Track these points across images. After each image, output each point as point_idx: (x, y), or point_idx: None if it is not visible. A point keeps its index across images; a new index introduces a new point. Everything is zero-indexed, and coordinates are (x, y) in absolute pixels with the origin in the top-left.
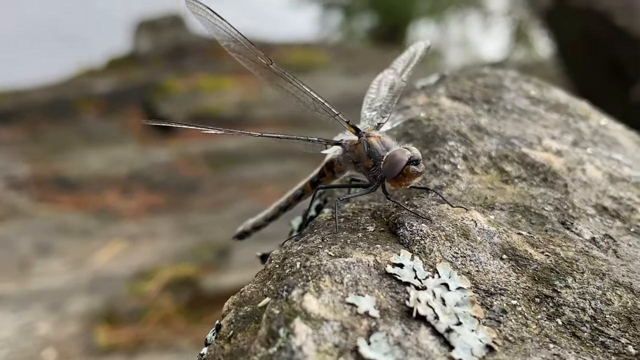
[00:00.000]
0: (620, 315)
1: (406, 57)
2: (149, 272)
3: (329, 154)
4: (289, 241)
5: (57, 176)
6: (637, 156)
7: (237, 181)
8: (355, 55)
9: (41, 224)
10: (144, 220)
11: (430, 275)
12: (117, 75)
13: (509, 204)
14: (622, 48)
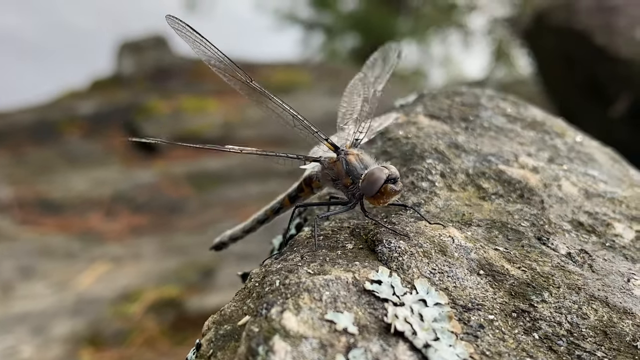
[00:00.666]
0: (596, 329)
1: (375, 59)
2: (133, 294)
3: (307, 169)
4: (269, 259)
5: (40, 198)
6: (613, 172)
7: (220, 201)
8: (337, 74)
9: (24, 246)
10: (128, 241)
11: (409, 292)
12: (100, 97)
13: (486, 220)
14: (601, 67)
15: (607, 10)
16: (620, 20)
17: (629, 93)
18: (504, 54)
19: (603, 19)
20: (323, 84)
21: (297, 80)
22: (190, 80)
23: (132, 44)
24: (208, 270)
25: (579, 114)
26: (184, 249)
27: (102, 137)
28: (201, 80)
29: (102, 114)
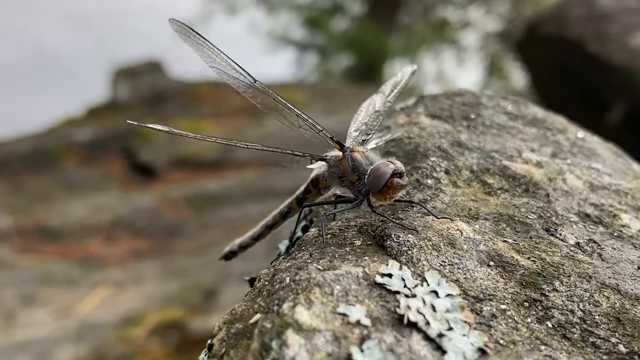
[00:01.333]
0: (609, 315)
1: (394, 81)
2: (136, 318)
3: (314, 170)
4: (276, 260)
5: (39, 226)
6: (616, 165)
7: (220, 223)
8: (332, 94)
9: (25, 274)
10: (129, 266)
11: (419, 284)
12: (97, 123)
13: (493, 214)
14: (594, 75)
15: (598, 18)
16: (612, 27)
17: (624, 100)
18: (498, 69)
19: (594, 27)
20: (318, 103)
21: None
22: (186, 104)
23: (127, 69)
24: (210, 292)
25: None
26: (185, 271)
27: (100, 163)
28: (197, 103)
29: (99, 141)
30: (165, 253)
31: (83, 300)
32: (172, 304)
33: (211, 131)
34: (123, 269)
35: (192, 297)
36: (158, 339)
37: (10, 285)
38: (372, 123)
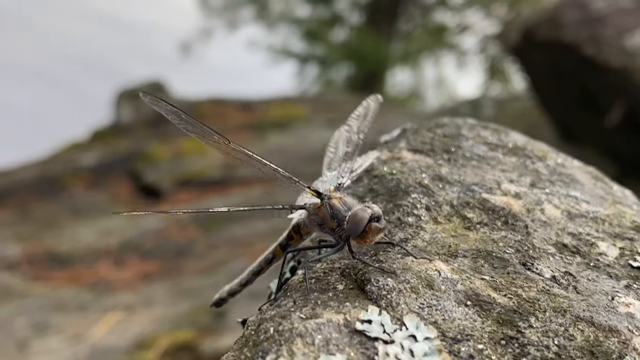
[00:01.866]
0: (584, 349)
1: (360, 113)
2: (148, 341)
3: (294, 217)
4: (265, 305)
5: (48, 253)
6: (595, 191)
7: (227, 241)
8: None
9: (36, 302)
10: (138, 289)
11: (399, 328)
12: (101, 147)
13: (471, 250)
14: (591, 78)
15: (593, 21)
16: (607, 30)
17: (622, 101)
18: (498, 71)
19: (589, 30)
20: (320, 115)
21: (294, 114)
22: None
23: (130, 91)
24: (220, 312)
25: (576, 126)
26: (194, 292)
27: (106, 187)
28: None
29: (105, 164)
30: (174, 274)
31: (95, 326)
32: (183, 325)
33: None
34: (133, 292)
35: (202, 318)
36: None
37: (22, 314)
38: (346, 163)
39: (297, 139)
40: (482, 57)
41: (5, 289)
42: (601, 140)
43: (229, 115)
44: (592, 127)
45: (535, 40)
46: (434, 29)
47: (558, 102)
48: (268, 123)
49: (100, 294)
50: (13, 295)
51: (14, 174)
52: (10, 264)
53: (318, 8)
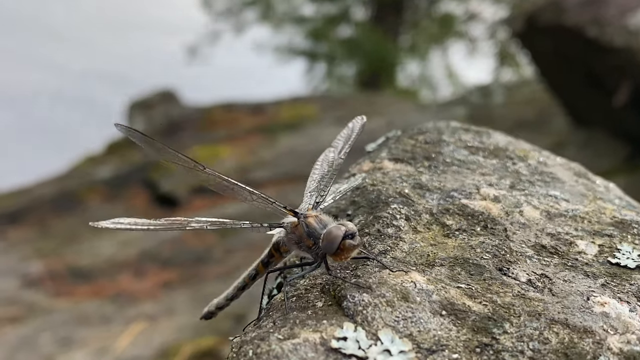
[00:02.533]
0: (558, 352)
1: (345, 134)
2: (171, 349)
3: (274, 235)
4: (249, 326)
5: (70, 268)
6: (576, 188)
7: (244, 245)
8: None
9: (60, 317)
10: (159, 298)
11: (374, 343)
12: (116, 159)
13: (449, 258)
14: (596, 59)
15: (595, 2)
16: (609, 10)
17: (629, 81)
18: (508, 56)
19: (591, 12)
20: (330, 114)
21: (305, 113)
22: (201, 130)
23: (141, 102)
24: (239, 316)
25: (586, 109)
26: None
27: (123, 199)
28: (211, 129)
29: (120, 176)
30: (194, 281)
31: (118, 337)
32: (205, 332)
33: (227, 155)
34: (154, 301)
35: (223, 324)
36: None
37: (47, 330)
38: (325, 182)
39: (307, 138)
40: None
41: (29, 306)
42: (611, 122)
43: (240, 119)
44: (602, 109)
45: (539, 25)
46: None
47: (566, 86)
48: (279, 125)
49: (123, 306)
50: (37, 312)
51: (32, 191)
52: (33, 280)
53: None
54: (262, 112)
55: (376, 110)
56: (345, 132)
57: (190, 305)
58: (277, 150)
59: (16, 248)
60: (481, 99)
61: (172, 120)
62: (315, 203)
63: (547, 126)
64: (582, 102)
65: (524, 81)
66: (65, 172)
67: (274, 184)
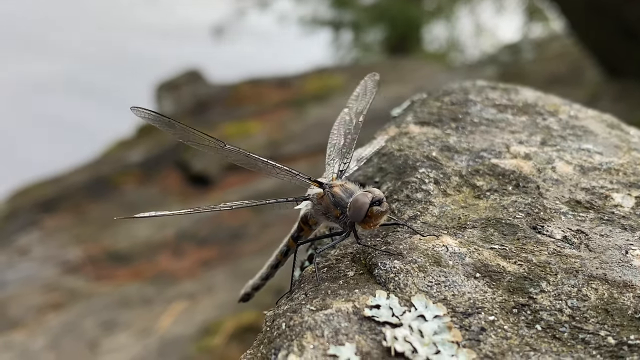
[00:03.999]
0: (598, 308)
1: (359, 92)
2: (213, 326)
3: (302, 209)
4: (281, 299)
5: (108, 252)
6: (610, 140)
7: (278, 220)
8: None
9: (101, 301)
10: (199, 276)
11: (407, 310)
12: (147, 142)
13: (481, 219)
14: (628, 8)
15: None
16: None
17: None
18: (537, 10)
19: None
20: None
21: (331, 84)
22: (229, 106)
23: (168, 83)
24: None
25: (619, 60)
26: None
27: (156, 181)
28: (240, 105)
29: (152, 158)
30: (232, 258)
31: (160, 318)
32: (246, 307)
33: (257, 130)
34: (194, 280)
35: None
36: (237, 344)
37: (90, 315)
38: (347, 148)
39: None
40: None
41: (70, 292)
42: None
43: (267, 94)
44: (636, 59)
45: None
46: None
47: (598, 38)
48: (306, 97)
49: (163, 286)
50: (79, 297)
51: (66, 179)
52: (73, 267)
53: None
54: (288, 86)
55: (404, 75)
56: (358, 90)
57: (230, 282)
58: (306, 122)
59: (54, 236)
60: (511, 56)
61: (199, 99)
62: (339, 171)
63: (580, 80)
64: (615, 54)
65: (554, 36)
66: (98, 158)
67: (305, 156)
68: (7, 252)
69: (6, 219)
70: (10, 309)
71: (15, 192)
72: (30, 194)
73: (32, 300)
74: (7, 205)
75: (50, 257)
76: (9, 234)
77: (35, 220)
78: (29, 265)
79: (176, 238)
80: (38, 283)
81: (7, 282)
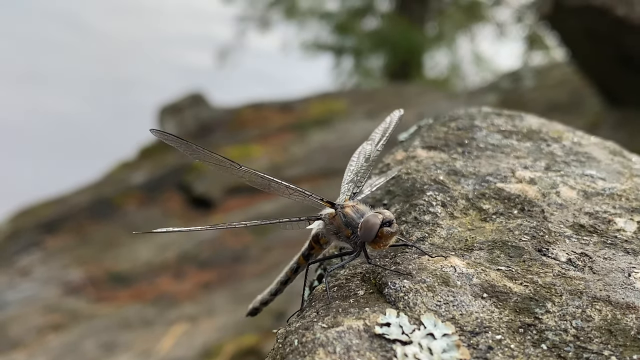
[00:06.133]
0: (601, 328)
1: (383, 127)
2: (214, 349)
3: (313, 228)
4: (292, 317)
5: (110, 273)
6: (612, 166)
7: (280, 242)
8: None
9: (102, 323)
10: (199, 299)
11: (417, 328)
12: (150, 164)
13: (487, 242)
14: (627, 37)
15: None
16: None
17: None
18: (537, 39)
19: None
20: (359, 108)
21: (334, 109)
22: (232, 130)
23: (171, 106)
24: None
25: (619, 89)
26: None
27: (159, 202)
28: (242, 128)
29: (154, 180)
30: (233, 281)
31: (161, 340)
32: (246, 330)
33: (259, 153)
34: (195, 302)
35: (264, 322)
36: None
37: (91, 336)
38: (362, 174)
39: (338, 134)
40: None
41: (72, 313)
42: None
43: (270, 118)
44: (635, 87)
45: (567, 6)
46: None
47: (598, 67)
48: (309, 121)
49: (164, 308)
50: (80, 318)
51: (69, 199)
52: (74, 288)
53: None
54: (291, 110)
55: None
56: (382, 126)
57: (230, 305)
58: (308, 146)
59: (56, 257)
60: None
61: (202, 123)
62: (352, 194)
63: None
64: (614, 82)
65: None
66: (100, 179)
67: (308, 180)
68: (9, 272)
69: (8, 239)
70: (11, 330)
71: (18, 212)
72: (32, 214)
73: (33, 320)
74: (9, 225)
75: (52, 277)
76: (10, 255)
77: (37, 241)
78: (30, 285)
79: (177, 260)
80: (39, 304)
81: (8, 302)
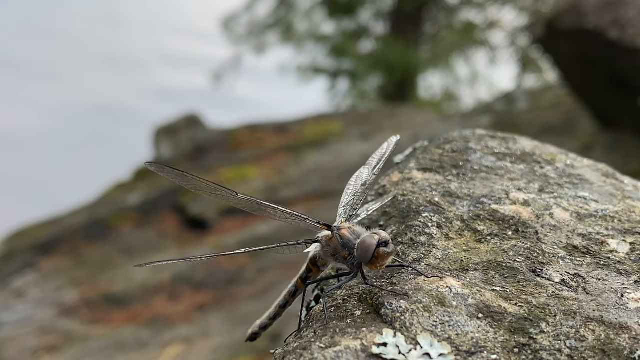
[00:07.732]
0: (595, 348)
1: (380, 153)
2: None
3: (311, 251)
4: (290, 337)
5: (104, 295)
6: (605, 188)
7: (276, 264)
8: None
9: (96, 344)
10: (195, 320)
11: (413, 348)
12: (145, 185)
13: (482, 262)
14: (619, 60)
15: (614, 4)
16: (629, 11)
17: None
18: (531, 62)
19: (611, 13)
20: (354, 129)
21: (329, 130)
22: (227, 151)
23: (167, 127)
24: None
25: (612, 112)
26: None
27: (154, 224)
28: (237, 149)
29: (150, 201)
30: (228, 302)
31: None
32: (242, 352)
33: (254, 175)
34: (190, 324)
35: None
36: None
37: (85, 357)
38: (358, 197)
39: (333, 155)
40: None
41: (66, 335)
42: (638, 123)
43: (265, 139)
44: (628, 110)
45: (559, 30)
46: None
47: (591, 89)
48: (304, 143)
49: (159, 330)
50: (74, 340)
51: (64, 220)
52: (68, 309)
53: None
54: (286, 131)
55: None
56: (379, 151)
57: (225, 326)
58: (303, 168)
59: (50, 278)
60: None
61: (198, 144)
62: (348, 216)
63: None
64: (607, 105)
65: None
66: (96, 200)
67: (303, 201)
68: (3, 293)
69: (3, 261)
70: (6, 351)
71: (12, 234)
72: (27, 235)
73: (27, 342)
74: (3, 247)
75: (46, 299)
76: (5, 276)
77: (32, 262)
78: (25, 307)
79: (172, 282)
80: (33, 325)
81: (2, 323)
